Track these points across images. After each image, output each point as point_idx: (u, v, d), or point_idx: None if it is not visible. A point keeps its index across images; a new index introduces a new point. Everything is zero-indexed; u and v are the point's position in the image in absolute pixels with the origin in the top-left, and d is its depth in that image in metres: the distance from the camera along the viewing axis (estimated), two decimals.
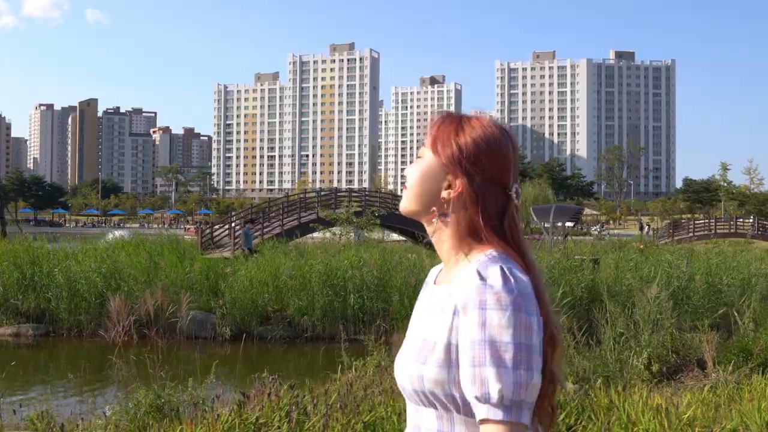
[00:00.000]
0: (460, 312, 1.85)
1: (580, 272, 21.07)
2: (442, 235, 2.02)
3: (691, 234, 63.81)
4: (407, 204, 2.07)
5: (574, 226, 33.21)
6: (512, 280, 1.82)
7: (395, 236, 44.74)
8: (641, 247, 35.26)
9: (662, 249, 30.34)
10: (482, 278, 1.84)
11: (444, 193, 1.99)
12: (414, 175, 2.04)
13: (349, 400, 6.52)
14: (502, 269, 1.84)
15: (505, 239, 1.94)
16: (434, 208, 2.01)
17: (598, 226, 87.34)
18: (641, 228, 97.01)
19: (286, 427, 5.86)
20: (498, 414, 1.75)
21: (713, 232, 65.26)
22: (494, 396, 1.75)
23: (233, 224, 38.60)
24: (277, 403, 6.40)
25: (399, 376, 2.00)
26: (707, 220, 72.22)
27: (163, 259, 22.41)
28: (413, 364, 1.93)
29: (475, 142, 1.97)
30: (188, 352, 18.58)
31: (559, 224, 28.32)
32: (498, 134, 2.00)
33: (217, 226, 40.18)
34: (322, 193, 46.34)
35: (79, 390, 14.74)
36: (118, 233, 43.73)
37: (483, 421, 1.78)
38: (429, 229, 2.05)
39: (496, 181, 1.97)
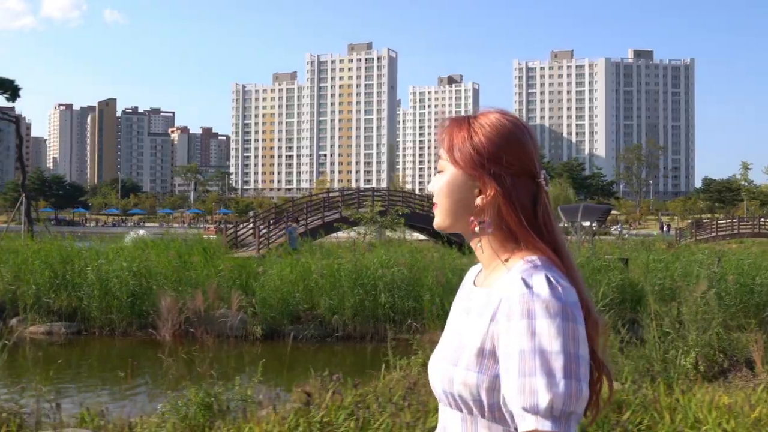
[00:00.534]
0: (503, 319, 1.81)
1: (610, 272, 21.02)
2: (482, 241, 1.99)
3: (714, 233, 63.52)
4: (441, 220, 2.03)
5: (600, 226, 33.11)
6: (559, 288, 1.78)
7: (417, 235, 44.70)
8: (664, 246, 35.19)
9: (693, 249, 30.18)
10: (528, 286, 1.79)
11: (478, 200, 1.96)
12: (441, 190, 2.01)
13: (413, 399, 6.48)
14: (547, 278, 1.80)
15: (542, 237, 1.91)
16: (472, 218, 1.97)
17: (618, 226, 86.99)
18: (662, 228, 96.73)
19: (354, 425, 5.84)
20: (547, 425, 1.70)
21: (736, 231, 65.00)
22: (544, 406, 1.70)
23: (258, 223, 38.63)
24: (340, 402, 6.37)
25: (431, 376, 1.98)
26: (730, 220, 71.81)
27: (192, 258, 22.49)
28: (445, 365, 1.92)
29: (490, 140, 1.94)
30: (221, 351, 18.60)
31: (587, 224, 28.26)
32: (510, 126, 1.97)
33: (241, 225, 40.16)
34: (345, 192, 46.21)
35: (120, 388, 14.76)
36: (140, 232, 43.94)
37: None
38: (470, 239, 2.02)
39: (523, 173, 1.94)
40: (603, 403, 1.95)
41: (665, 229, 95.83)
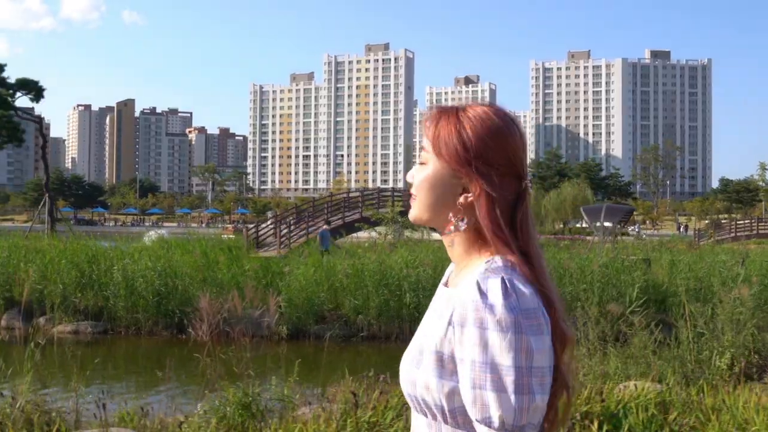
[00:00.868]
0: (457, 326, 1.77)
1: (634, 272, 21.00)
2: (455, 238, 1.93)
3: (733, 234, 63.27)
4: (419, 214, 1.96)
5: (623, 226, 33.04)
6: (513, 295, 1.73)
7: (436, 236, 44.70)
8: (683, 247, 35.10)
9: (715, 249, 30.07)
10: (482, 293, 1.75)
11: (461, 199, 1.89)
12: (422, 184, 1.94)
13: None
14: (503, 282, 1.75)
15: (515, 240, 1.85)
16: (451, 215, 1.91)
17: (636, 226, 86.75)
18: (679, 228, 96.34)
19: (402, 425, 5.85)
20: None
21: (755, 232, 64.66)
22: (495, 421, 1.70)
23: (279, 223, 38.74)
24: (386, 402, 6.38)
25: (400, 378, 1.93)
26: (749, 221, 71.47)
27: (217, 258, 22.58)
28: (409, 368, 1.88)
29: (479, 137, 1.86)
30: (248, 350, 18.63)
31: (607, 224, 28.20)
32: (500, 123, 1.90)
33: (262, 225, 40.27)
34: (366, 192, 46.27)
35: (153, 387, 14.84)
36: (159, 232, 44.08)
37: None
38: (444, 236, 1.96)
39: (509, 174, 1.88)
40: (562, 415, 1.89)
41: (682, 229, 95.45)
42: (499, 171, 1.86)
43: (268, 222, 42.22)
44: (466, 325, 1.75)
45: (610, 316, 11.06)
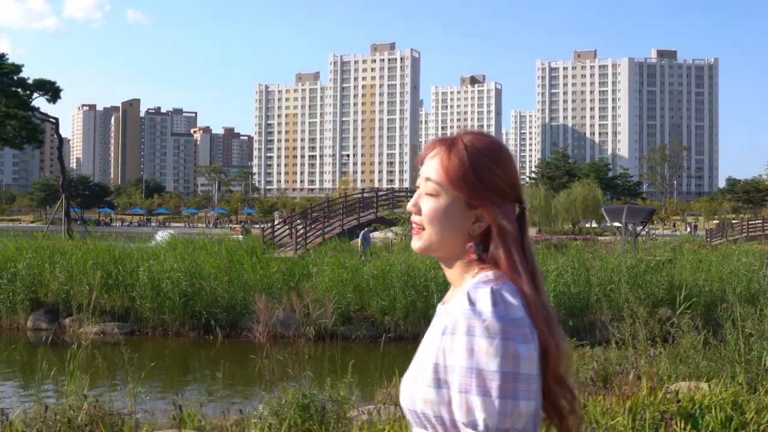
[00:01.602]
0: (448, 334, 1.82)
1: (659, 273, 21.03)
2: (455, 262, 1.99)
3: (744, 234, 63.07)
4: (428, 245, 2.00)
5: (644, 227, 33.02)
6: (501, 305, 1.80)
7: None
8: (695, 247, 35.07)
9: (734, 249, 30.01)
10: (471, 302, 1.81)
11: (475, 227, 1.95)
12: (436, 215, 1.97)
13: None
14: (492, 292, 1.82)
15: (526, 261, 1.93)
16: (471, 245, 1.96)
17: (645, 227, 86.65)
18: (689, 228, 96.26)
19: None
20: None
21: (766, 232, 64.49)
22: (480, 425, 1.75)
23: (294, 224, 38.75)
24: None
25: (400, 395, 1.97)
26: (760, 221, 71.24)
27: (243, 259, 22.62)
28: (408, 383, 1.92)
29: (489, 168, 1.94)
30: (276, 351, 18.67)
31: (617, 224, 28.20)
32: (500, 151, 1.98)
33: (278, 226, 40.30)
34: (380, 193, 46.32)
35: (183, 386, 14.85)
36: (168, 232, 44.07)
37: None
38: (448, 260, 2.01)
39: (513, 199, 1.98)
40: (570, 420, 1.95)
41: (689, 229, 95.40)
42: (506, 197, 1.96)
43: (276, 222, 42.26)
44: (456, 333, 1.81)
45: (657, 317, 11.07)
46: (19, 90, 41.02)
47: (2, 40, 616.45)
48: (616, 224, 28.24)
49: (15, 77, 40.35)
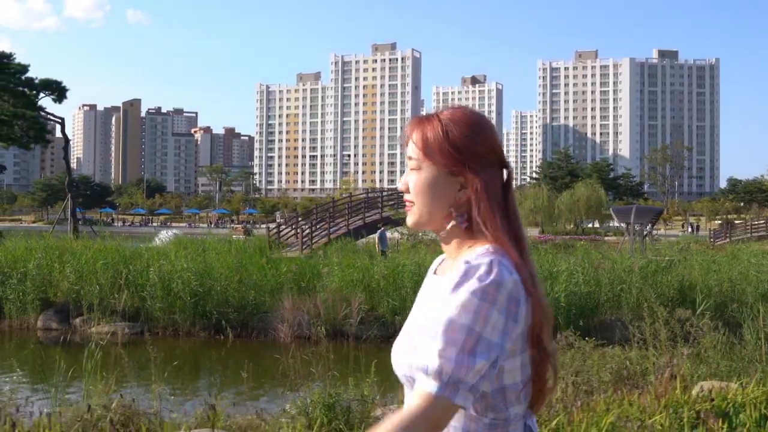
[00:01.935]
0: (444, 295, 1.88)
1: (669, 273, 21.03)
2: (449, 232, 2.03)
3: (749, 234, 63.07)
4: (420, 219, 2.06)
5: (652, 227, 33.04)
6: (494, 273, 1.85)
7: None
8: (701, 247, 35.10)
9: (743, 249, 30.02)
10: (468, 269, 1.87)
11: (460, 195, 2.00)
12: (421, 188, 2.02)
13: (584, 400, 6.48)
14: (490, 263, 1.87)
15: (510, 227, 1.99)
16: (452, 210, 2.01)
17: (648, 226, 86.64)
18: (691, 228, 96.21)
19: None
20: (433, 386, 1.79)
21: None
22: (433, 369, 1.79)
23: (299, 224, 38.79)
24: None
25: (393, 362, 2.02)
26: (765, 221, 71.13)
27: (251, 259, 22.64)
28: (405, 351, 1.96)
29: (465, 135, 1.99)
30: (293, 350, 18.70)
31: (622, 224, 28.25)
32: (479, 118, 2.04)
33: (283, 226, 40.31)
34: (386, 193, 46.34)
35: (202, 387, 14.85)
36: (170, 232, 44.14)
37: (418, 390, 1.82)
38: (440, 232, 2.05)
39: (495, 164, 2.03)
40: (548, 391, 2.02)
41: (690, 229, 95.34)
42: (487, 163, 2.01)
43: (276, 222, 42.30)
44: (446, 291, 1.88)
45: (676, 317, 11.07)
46: (26, 90, 41.07)
47: (3, 40, 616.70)
48: (622, 224, 28.25)
49: (22, 77, 40.40)
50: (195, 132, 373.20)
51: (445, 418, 1.83)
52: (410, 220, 2.08)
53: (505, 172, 2.05)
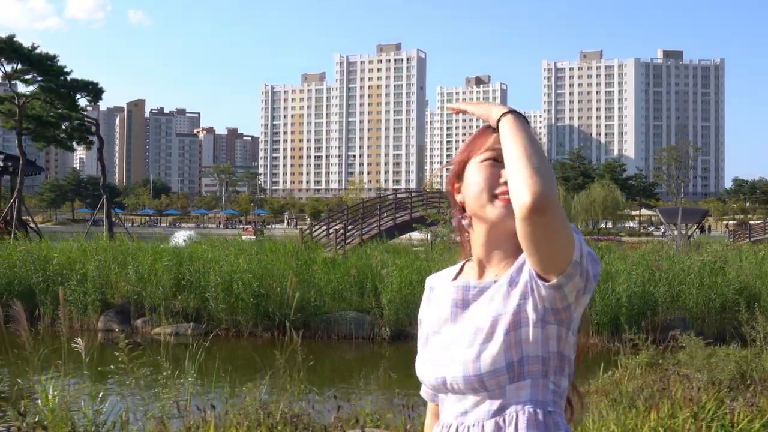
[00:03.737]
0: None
1: (724, 274, 21.06)
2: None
3: (767, 234, 63.18)
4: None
5: (698, 227, 33.15)
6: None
7: None
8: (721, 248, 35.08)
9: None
10: None
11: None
12: None
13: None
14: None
15: None
16: (455, 212, 2.16)
17: (664, 227, 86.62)
18: (702, 229, 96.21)
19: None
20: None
21: None
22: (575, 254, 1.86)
23: (333, 224, 38.93)
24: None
25: (447, 373, 1.98)
26: None
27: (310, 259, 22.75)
28: (470, 352, 1.94)
29: None
30: (347, 352, 18.86)
31: (685, 226, 28.36)
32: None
33: (316, 226, 40.46)
34: (414, 194, 46.49)
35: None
36: (186, 233, 44.23)
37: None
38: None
39: None
40: (581, 398, 2.12)
41: (697, 232, 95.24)
42: None
43: (308, 223, 42.36)
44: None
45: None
46: (70, 92, 41.24)
47: None
48: (666, 225, 28.44)
49: (66, 78, 40.56)
50: (198, 132, 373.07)
51: (560, 217, 1.81)
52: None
53: None
